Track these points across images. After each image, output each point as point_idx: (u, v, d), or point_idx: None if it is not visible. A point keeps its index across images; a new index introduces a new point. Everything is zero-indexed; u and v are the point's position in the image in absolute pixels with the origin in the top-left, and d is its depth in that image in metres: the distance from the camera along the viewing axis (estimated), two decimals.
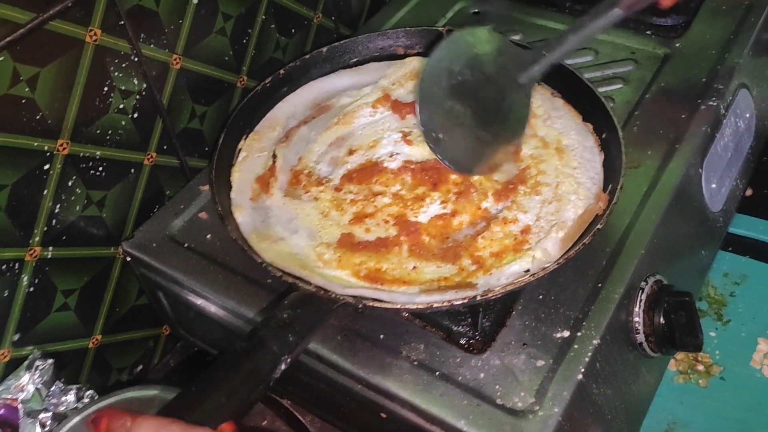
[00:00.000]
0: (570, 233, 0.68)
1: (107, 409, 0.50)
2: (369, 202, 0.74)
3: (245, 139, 0.84)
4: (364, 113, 0.84)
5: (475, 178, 0.74)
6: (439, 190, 0.74)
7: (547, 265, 0.64)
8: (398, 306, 0.63)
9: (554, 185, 0.73)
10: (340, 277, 0.68)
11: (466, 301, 0.62)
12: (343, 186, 0.76)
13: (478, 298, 0.62)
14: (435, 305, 0.62)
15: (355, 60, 0.93)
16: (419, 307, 0.62)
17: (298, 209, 0.75)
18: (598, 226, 0.66)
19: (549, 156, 0.76)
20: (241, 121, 0.84)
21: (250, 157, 0.82)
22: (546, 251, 0.66)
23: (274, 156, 0.81)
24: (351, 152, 0.80)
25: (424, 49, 0.92)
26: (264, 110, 0.87)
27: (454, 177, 0.74)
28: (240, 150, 0.83)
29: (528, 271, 0.66)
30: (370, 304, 0.63)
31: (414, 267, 0.68)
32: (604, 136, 0.77)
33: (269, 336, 0.57)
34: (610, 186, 0.71)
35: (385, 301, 0.64)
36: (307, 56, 0.90)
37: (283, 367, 0.56)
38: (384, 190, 0.75)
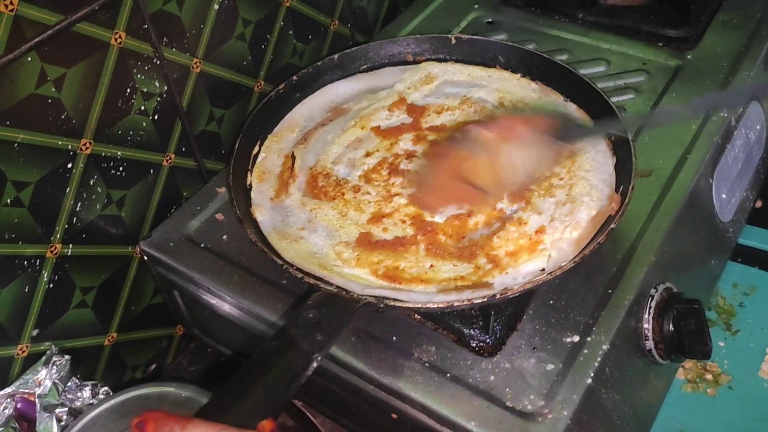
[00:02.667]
0: (584, 234, 0.69)
1: (152, 413, 0.48)
2: (386, 202, 0.75)
3: (262, 142, 0.85)
4: (380, 116, 0.85)
5: None
6: None
7: (563, 264, 0.65)
8: (419, 305, 0.64)
9: (567, 187, 0.74)
10: (359, 276, 0.69)
11: (485, 299, 0.62)
12: (360, 187, 0.78)
13: (498, 296, 0.62)
14: (455, 304, 0.62)
15: (365, 67, 0.94)
16: (440, 306, 0.63)
17: (317, 209, 0.76)
18: (612, 226, 0.67)
19: (562, 159, 0.76)
20: (255, 126, 0.85)
21: (269, 158, 0.84)
22: (561, 251, 0.67)
23: (293, 157, 0.83)
24: (368, 154, 0.81)
25: (432, 56, 0.94)
26: (278, 115, 0.88)
27: None
28: (257, 153, 0.84)
29: (543, 270, 0.66)
30: (392, 303, 0.64)
31: (431, 265, 0.69)
32: (613, 138, 0.78)
33: (299, 335, 0.57)
34: (622, 187, 0.72)
35: (405, 301, 0.65)
36: (319, 63, 0.91)
37: (314, 365, 0.56)
38: (401, 192, 0.76)
